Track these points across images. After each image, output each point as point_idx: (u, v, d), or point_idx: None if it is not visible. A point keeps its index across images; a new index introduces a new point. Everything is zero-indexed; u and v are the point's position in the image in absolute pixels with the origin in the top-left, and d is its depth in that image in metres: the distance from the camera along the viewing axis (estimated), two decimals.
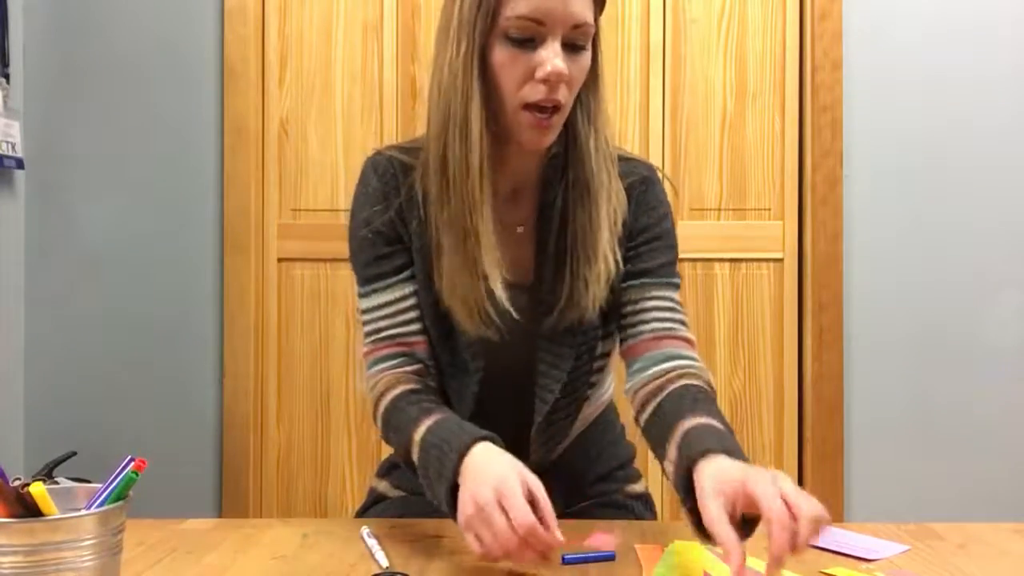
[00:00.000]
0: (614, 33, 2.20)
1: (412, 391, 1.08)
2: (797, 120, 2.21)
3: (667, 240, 1.14)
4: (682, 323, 1.12)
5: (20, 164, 2.10)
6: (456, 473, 0.91)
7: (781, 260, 2.21)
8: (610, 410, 1.30)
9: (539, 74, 1.00)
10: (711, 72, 2.21)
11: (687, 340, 1.11)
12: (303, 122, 2.22)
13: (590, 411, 1.22)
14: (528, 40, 1.00)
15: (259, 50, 2.22)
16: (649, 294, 1.11)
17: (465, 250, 1.05)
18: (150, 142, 2.20)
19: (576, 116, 1.09)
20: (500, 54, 1.02)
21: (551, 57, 1.00)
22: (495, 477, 0.86)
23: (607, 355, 1.19)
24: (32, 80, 2.18)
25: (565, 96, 1.03)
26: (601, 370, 1.18)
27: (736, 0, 2.20)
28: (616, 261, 1.10)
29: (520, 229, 1.13)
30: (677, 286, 1.14)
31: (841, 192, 2.17)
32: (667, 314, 1.11)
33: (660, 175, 1.18)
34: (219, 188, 2.19)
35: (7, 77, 2.08)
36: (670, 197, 1.19)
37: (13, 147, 2.08)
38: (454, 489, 0.91)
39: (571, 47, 1.02)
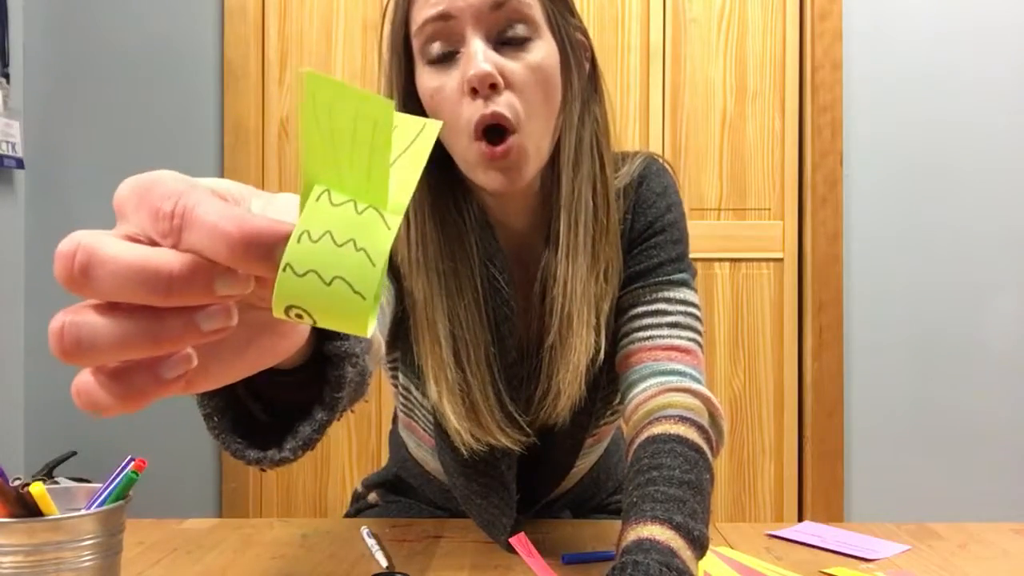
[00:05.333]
0: (614, 33, 2.20)
1: None
2: (797, 120, 2.21)
3: (670, 234, 0.98)
4: (672, 325, 0.93)
5: (20, 164, 2.10)
6: None
7: (781, 260, 2.21)
8: (618, 431, 1.21)
9: (465, 86, 0.81)
10: (711, 72, 2.21)
11: (670, 348, 0.92)
12: None
13: (600, 447, 1.13)
14: (449, 54, 0.84)
15: (259, 50, 2.22)
16: (639, 300, 0.94)
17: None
18: (150, 142, 2.20)
19: (563, 147, 0.89)
20: (425, 83, 0.85)
21: (472, 58, 0.81)
22: None
23: (616, 410, 1.04)
24: (32, 80, 2.18)
25: (510, 105, 0.82)
26: (612, 415, 1.05)
27: (736, 0, 2.20)
28: (600, 341, 0.90)
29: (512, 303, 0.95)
30: (680, 282, 0.96)
31: (841, 192, 2.17)
32: (651, 319, 0.93)
33: (658, 163, 1.01)
34: None
35: (7, 77, 2.08)
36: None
37: (13, 147, 2.08)
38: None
39: (507, 42, 0.83)
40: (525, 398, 0.94)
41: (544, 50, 0.85)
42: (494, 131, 0.82)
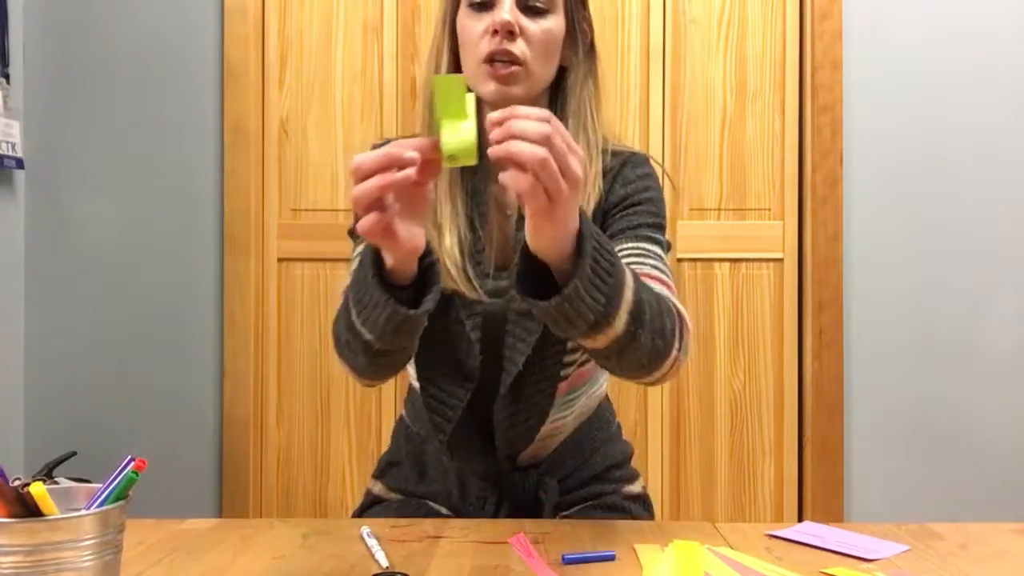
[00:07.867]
0: (614, 33, 2.20)
1: None
2: (797, 120, 2.21)
3: (648, 206, 1.14)
4: (654, 267, 1.08)
5: (20, 164, 2.10)
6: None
7: (781, 260, 2.21)
8: (604, 408, 1.28)
9: (490, 26, 1.09)
10: (711, 72, 2.21)
11: (656, 279, 1.06)
12: (303, 122, 2.22)
13: (580, 407, 1.20)
14: (486, 4, 1.11)
15: (259, 50, 2.22)
16: (619, 245, 1.10)
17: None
18: (150, 142, 2.20)
19: (568, 99, 1.14)
20: (462, 20, 1.13)
21: (500, 8, 1.09)
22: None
23: None
24: (32, 80, 2.18)
25: (521, 51, 1.09)
26: (575, 351, 1.14)
27: (736, 0, 2.21)
28: None
29: (510, 212, 1.16)
30: (657, 241, 1.12)
31: (841, 192, 2.17)
32: (631, 258, 1.08)
33: (651, 161, 1.19)
34: (219, 188, 2.19)
35: (7, 77, 2.08)
36: (668, 195, 1.16)
37: (13, 147, 2.08)
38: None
39: (530, 10, 1.11)
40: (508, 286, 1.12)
41: (555, 22, 1.12)
42: (501, 61, 1.09)
